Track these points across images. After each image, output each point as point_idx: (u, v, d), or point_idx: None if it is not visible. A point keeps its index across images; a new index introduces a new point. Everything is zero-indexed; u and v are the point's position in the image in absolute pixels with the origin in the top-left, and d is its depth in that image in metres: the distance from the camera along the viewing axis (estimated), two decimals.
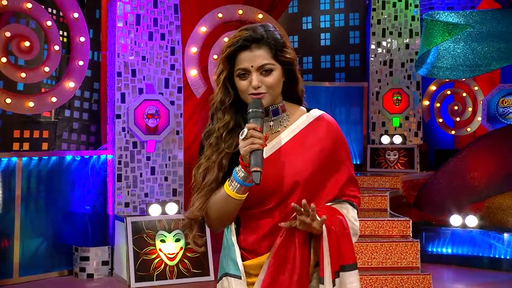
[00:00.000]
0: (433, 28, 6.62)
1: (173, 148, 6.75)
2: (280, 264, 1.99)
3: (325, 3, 10.40)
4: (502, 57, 7.51)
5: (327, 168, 2.10)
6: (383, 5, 9.16)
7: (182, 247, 6.32)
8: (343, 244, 2.03)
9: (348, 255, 2.04)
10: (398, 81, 8.94)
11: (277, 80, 2.06)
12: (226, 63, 2.08)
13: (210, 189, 2.05)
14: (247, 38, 2.03)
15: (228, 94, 2.10)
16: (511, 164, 7.35)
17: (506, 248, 6.87)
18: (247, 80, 2.04)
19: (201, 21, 7.09)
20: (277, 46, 2.05)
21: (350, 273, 2.03)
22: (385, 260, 5.66)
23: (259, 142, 1.91)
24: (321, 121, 2.15)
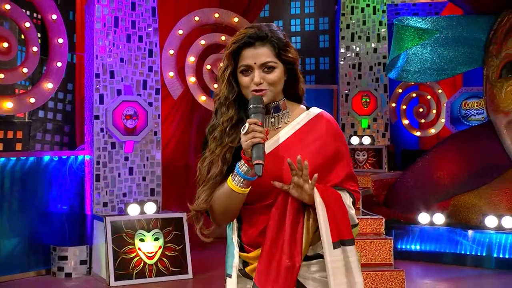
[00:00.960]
0: (404, 33, 6.76)
1: (151, 148, 6.74)
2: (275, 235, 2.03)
3: (296, 8, 10.50)
4: (467, 61, 7.71)
5: (327, 164, 2.11)
6: (352, 10, 9.29)
7: (161, 246, 6.32)
8: (340, 218, 2.05)
9: (346, 230, 2.06)
10: (367, 84, 9.08)
11: (279, 78, 2.08)
12: (230, 59, 2.10)
13: (215, 182, 2.07)
14: (252, 36, 2.06)
15: (232, 89, 2.12)
16: (474, 164, 7.53)
17: (471, 245, 7.05)
18: (249, 76, 2.07)
19: (178, 24, 7.09)
20: (280, 45, 2.08)
21: (348, 247, 2.04)
22: (360, 257, 5.74)
23: (260, 136, 1.94)
24: (321, 119, 2.17)
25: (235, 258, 2.13)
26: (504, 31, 7.41)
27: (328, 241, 2.00)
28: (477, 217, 7.28)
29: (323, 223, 2.01)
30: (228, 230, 2.20)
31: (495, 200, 7.31)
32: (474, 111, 9.44)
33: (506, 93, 7.33)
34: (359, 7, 9.27)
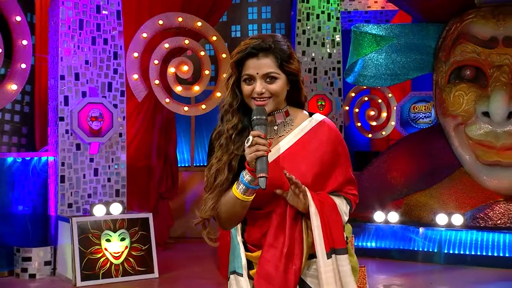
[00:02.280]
0: (362, 39, 6.92)
1: (116, 150, 6.68)
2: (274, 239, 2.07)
3: (253, 13, 10.58)
4: (418, 67, 7.95)
5: (326, 171, 2.15)
6: (308, 17, 9.40)
7: (127, 246, 6.28)
8: (334, 227, 2.08)
9: (339, 239, 2.09)
10: (322, 88, 9.21)
11: (281, 88, 2.10)
12: (234, 68, 2.12)
13: (221, 189, 2.09)
14: (255, 47, 2.07)
15: (236, 97, 2.14)
16: (425, 165, 7.77)
17: (424, 241, 7.27)
18: (251, 85, 2.09)
19: (142, 27, 7.05)
20: (283, 57, 2.09)
21: (341, 256, 2.07)
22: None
23: (264, 149, 1.96)
24: (323, 126, 2.19)
25: (243, 259, 2.16)
26: (452, 39, 7.67)
27: (321, 251, 2.04)
28: (429, 215, 7.51)
29: (317, 233, 2.04)
30: (233, 231, 2.22)
31: (445, 199, 7.56)
32: (422, 114, 9.74)
33: (454, 98, 7.59)
34: (314, 13, 9.39)
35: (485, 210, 7.37)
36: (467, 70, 7.53)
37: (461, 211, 7.38)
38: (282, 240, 2.05)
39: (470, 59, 7.49)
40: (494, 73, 7.32)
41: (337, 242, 2.08)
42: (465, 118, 7.50)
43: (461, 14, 7.67)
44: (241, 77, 2.11)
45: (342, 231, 2.11)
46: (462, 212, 7.36)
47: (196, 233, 8.21)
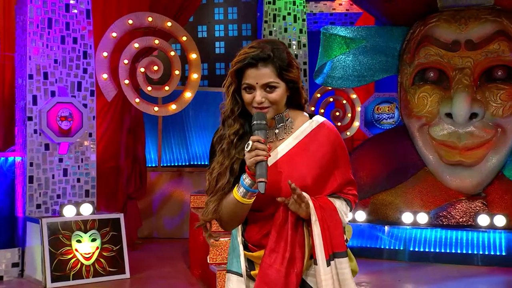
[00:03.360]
0: (332, 41, 7.01)
1: (86, 150, 6.60)
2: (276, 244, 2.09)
3: (219, 14, 10.59)
4: (383, 69, 8.10)
5: (326, 172, 2.17)
6: (274, 18, 9.47)
7: (98, 246, 6.22)
8: (334, 231, 2.11)
9: (340, 243, 2.12)
10: None
11: (280, 97, 2.12)
12: (234, 77, 2.13)
13: (223, 193, 2.11)
14: (254, 57, 2.07)
15: (237, 104, 2.15)
16: (391, 164, 7.92)
17: (390, 240, 7.42)
18: (251, 94, 2.10)
19: (112, 27, 6.98)
20: (283, 66, 2.09)
21: (341, 259, 2.11)
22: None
23: (263, 153, 1.98)
24: (323, 128, 2.21)
25: (242, 260, 2.18)
26: (416, 42, 7.85)
27: (322, 258, 2.07)
28: (395, 213, 7.65)
29: (318, 241, 2.07)
30: (234, 231, 2.24)
31: (410, 198, 7.72)
32: (386, 115, 9.91)
33: (418, 99, 7.77)
34: (281, 15, 9.46)
35: (448, 208, 7.56)
36: (431, 72, 7.72)
37: (426, 209, 7.55)
38: (284, 245, 2.08)
39: (434, 62, 7.68)
40: (456, 75, 7.52)
41: (337, 246, 2.11)
42: (429, 119, 7.68)
43: (425, 18, 7.85)
44: (241, 85, 2.12)
45: (342, 235, 2.15)
46: (426, 210, 7.53)
47: (164, 233, 8.24)
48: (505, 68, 7.50)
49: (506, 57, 7.47)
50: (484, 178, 7.57)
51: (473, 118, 7.42)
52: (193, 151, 9.63)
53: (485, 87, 7.48)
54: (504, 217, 7.21)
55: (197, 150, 9.65)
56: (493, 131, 7.47)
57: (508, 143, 7.49)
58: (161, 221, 8.99)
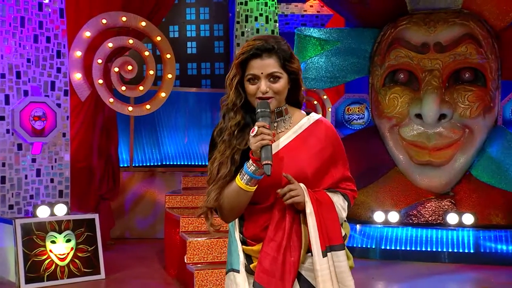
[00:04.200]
0: (307, 42, 7.08)
1: (60, 150, 6.54)
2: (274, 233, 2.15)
3: (191, 14, 10.58)
4: (355, 70, 8.22)
5: (323, 167, 2.24)
6: (246, 19, 9.49)
7: (73, 247, 6.17)
8: (331, 224, 2.18)
9: (336, 236, 2.19)
10: None
11: (284, 87, 2.20)
12: (239, 69, 2.20)
13: (224, 181, 2.17)
14: (259, 48, 2.16)
15: (240, 96, 2.22)
16: (363, 164, 8.01)
17: (362, 238, 7.54)
18: (255, 85, 2.17)
19: (85, 26, 6.93)
20: (286, 57, 2.19)
21: (338, 252, 2.18)
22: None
23: (269, 138, 2.05)
24: (320, 124, 2.30)
25: (240, 255, 2.22)
26: (387, 44, 7.99)
27: (317, 250, 2.13)
28: (366, 212, 7.77)
29: (313, 233, 2.14)
30: (231, 227, 2.28)
31: (381, 197, 7.85)
32: (356, 116, 10.04)
33: (389, 100, 7.90)
34: (253, 16, 9.49)
35: (418, 207, 7.72)
36: (401, 74, 7.86)
37: (397, 208, 7.69)
38: (281, 234, 2.13)
39: (404, 64, 7.82)
40: (426, 77, 7.67)
41: (334, 239, 2.18)
42: (399, 119, 7.82)
43: (395, 20, 7.99)
44: (244, 77, 2.19)
45: (338, 227, 2.22)
46: (397, 209, 7.67)
47: (136, 233, 8.20)
48: (472, 70, 7.67)
49: (473, 60, 7.65)
50: (453, 178, 7.75)
51: (442, 119, 7.57)
52: (165, 151, 9.61)
53: (453, 89, 7.65)
54: (472, 215, 7.40)
55: (169, 150, 9.63)
56: (461, 132, 7.64)
57: (476, 143, 7.68)
58: (133, 221, 8.95)
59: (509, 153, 7.55)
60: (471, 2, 7.73)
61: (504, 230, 7.33)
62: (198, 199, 7.04)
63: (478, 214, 7.46)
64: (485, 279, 6.54)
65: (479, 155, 7.70)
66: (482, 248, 7.26)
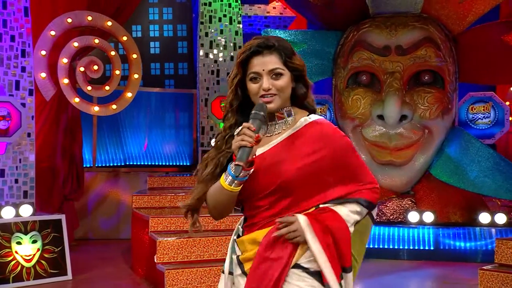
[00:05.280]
0: None
1: (24, 150, 6.45)
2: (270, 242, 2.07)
3: (154, 14, 10.54)
4: (319, 72, 8.35)
5: (318, 172, 2.10)
6: (210, 20, 9.54)
7: (39, 248, 6.10)
8: (344, 248, 2.08)
9: (347, 258, 2.09)
10: (225, 90, 9.36)
11: (286, 84, 2.13)
12: (240, 68, 2.16)
13: (205, 181, 2.13)
14: (260, 45, 2.12)
15: (237, 97, 2.17)
16: None
17: None
18: (258, 83, 2.12)
19: (50, 25, 6.86)
20: (287, 53, 2.15)
21: (348, 275, 2.09)
22: None
23: (248, 140, 1.96)
24: (315, 125, 2.16)
25: (227, 259, 2.21)
26: (349, 46, 8.14)
27: (334, 283, 2.05)
28: None
29: (327, 270, 2.05)
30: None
31: None
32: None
33: (352, 101, 8.06)
34: (216, 17, 9.54)
35: (380, 206, 7.90)
36: (363, 75, 8.02)
37: None
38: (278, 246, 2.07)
39: (366, 66, 7.98)
40: (387, 79, 7.85)
41: (345, 262, 2.09)
42: (361, 120, 7.98)
43: (358, 23, 8.15)
44: (246, 77, 2.15)
45: (349, 247, 2.11)
46: None
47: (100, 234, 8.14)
48: (431, 73, 7.89)
49: (432, 62, 7.86)
50: (413, 177, 7.95)
51: (402, 120, 7.76)
52: (129, 151, 9.54)
53: (413, 91, 7.84)
54: (432, 213, 7.62)
55: (133, 150, 9.57)
56: (420, 133, 7.85)
57: (435, 144, 7.90)
58: (97, 222, 8.87)
59: (466, 153, 7.81)
60: (430, 6, 7.95)
61: (462, 228, 7.58)
62: (166, 199, 7.05)
63: (437, 213, 7.69)
64: (445, 275, 6.75)
65: (438, 155, 7.92)
66: (441, 245, 7.49)
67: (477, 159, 7.74)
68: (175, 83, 10.51)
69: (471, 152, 7.84)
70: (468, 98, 9.20)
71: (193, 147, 9.88)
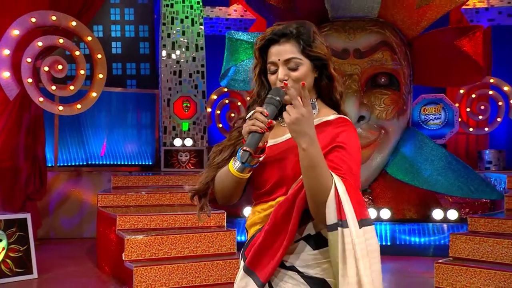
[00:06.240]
0: (238, 46, 7.22)
1: None
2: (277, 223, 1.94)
3: (116, 14, 10.49)
4: None
5: None
6: (172, 21, 9.56)
7: (4, 247, 6.02)
8: (354, 197, 1.86)
9: (363, 210, 1.88)
10: (187, 90, 9.42)
11: (304, 75, 1.97)
12: (258, 57, 2.05)
13: (217, 167, 2.04)
14: (276, 32, 1.99)
15: (264, 87, 2.07)
16: None
17: None
18: (276, 74, 1.98)
19: (14, 24, 6.77)
20: (306, 41, 1.98)
21: (367, 228, 1.87)
22: (208, 248, 6.06)
23: (260, 125, 1.84)
24: (331, 123, 2.01)
25: None
26: None
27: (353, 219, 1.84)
28: None
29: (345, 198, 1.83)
30: None
31: None
32: None
33: None
34: (179, 18, 9.57)
35: None
36: None
37: None
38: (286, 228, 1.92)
39: None
40: (346, 81, 8.01)
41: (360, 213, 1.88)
42: None
43: (318, 26, 8.24)
44: (266, 68, 2.03)
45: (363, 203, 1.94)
46: None
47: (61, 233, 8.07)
48: (388, 76, 8.09)
49: (388, 66, 8.06)
50: (370, 175, 8.15)
51: (360, 121, 7.94)
52: (91, 151, 9.47)
53: (370, 92, 8.03)
54: (388, 210, 7.84)
55: (95, 150, 9.49)
56: (377, 133, 8.04)
57: (391, 143, 8.11)
58: (59, 221, 8.77)
59: (420, 152, 8.06)
60: (386, 12, 8.16)
61: (417, 224, 7.83)
62: (131, 197, 7.05)
63: (393, 209, 7.91)
64: (402, 269, 6.97)
65: (393, 154, 8.13)
66: (398, 241, 7.72)
67: (431, 158, 7.99)
68: (137, 83, 10.49)
69: (425, 152, 8.08)
70: (421, 100, 9.52)
71: (155, 146, 9.88)
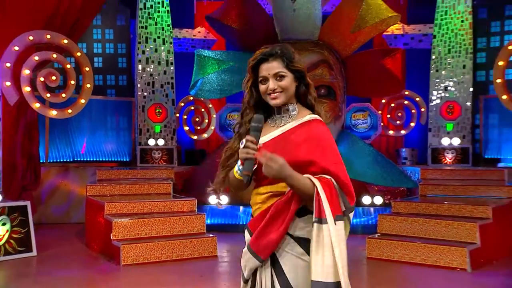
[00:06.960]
0: (206, 61, 7.43)
1: None
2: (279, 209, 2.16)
3: (98, 34, 10.51)
4: (239, 85, 8.69)
5: (305, 162, 2.12)
6: (146, 40, 9.67)
7: (8, 230, 6.08)
8: (334, 196, 2.09)
9: (338, 207, 2.09)
10: (159, 98, 9.55)
11: (289, 84, 2.21)
12: (251, 73, 2.28)
13: (229, 168, 2.30)
14: (265, 53, 2.23)
15: (252, 96, 2.28)
16: None
17: (246, 217, 8.04)
18: (266, 85, 2.22)
19: (14, 41, 6.78)
20: (289, 59, 2.22)
21: (339, 222, 2.08)
22: (182, 229, 6.26)
23: (252, 153, 2.06)
24: (309, 123, 2.22)
25: None
26: None
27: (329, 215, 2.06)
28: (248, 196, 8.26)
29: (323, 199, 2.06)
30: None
31: None
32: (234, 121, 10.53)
33: None
34: (152, 37, 9.69)
35: None
36: None
37: None
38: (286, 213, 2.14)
39: None
40: None
41: (337, 209, 2.10)
42: None
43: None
44: (257, 79, 2.26)
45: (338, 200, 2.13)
46: None
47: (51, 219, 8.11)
48: (326, 87, 8.43)
49: (326, 79, 8.40)
50: None
51: None
52: (77, 149, 9.51)
53: None
54: None
55: (80, 149, 9.53)
56: None
57: None
58: (50, 208, 8.77)
59: (352, 150, 8.43)
60: (324, 35, 8.53)
61: None
62: (115, 188, 7.17)
63: None
64: None
65: None
66: None
67: (361, 155, 8.37)
68: (116, 92, 10.54)
69: (356, 150, 8.46)
70: (351, 108, 9.95)
71: (132, 146, 9.97)
